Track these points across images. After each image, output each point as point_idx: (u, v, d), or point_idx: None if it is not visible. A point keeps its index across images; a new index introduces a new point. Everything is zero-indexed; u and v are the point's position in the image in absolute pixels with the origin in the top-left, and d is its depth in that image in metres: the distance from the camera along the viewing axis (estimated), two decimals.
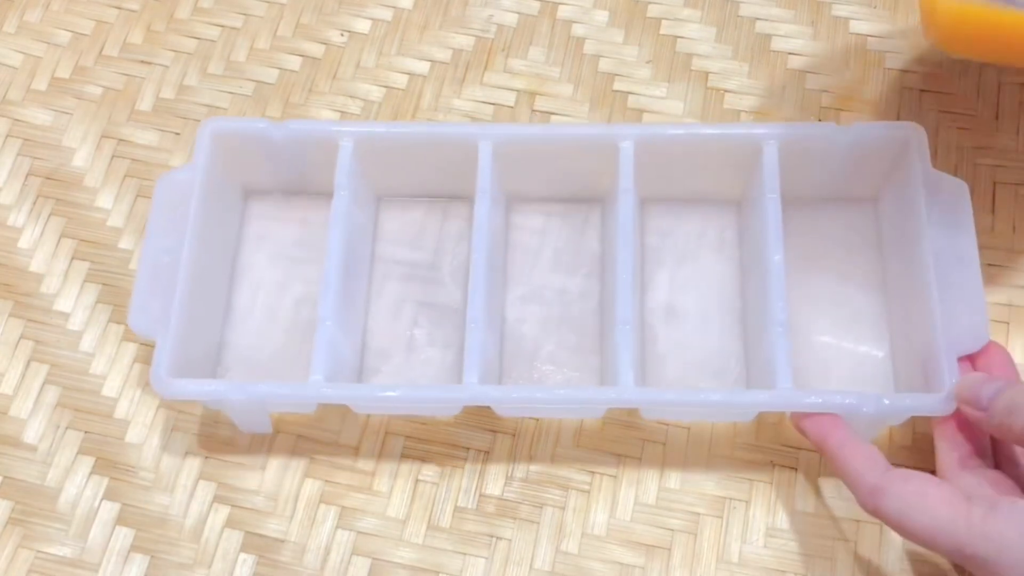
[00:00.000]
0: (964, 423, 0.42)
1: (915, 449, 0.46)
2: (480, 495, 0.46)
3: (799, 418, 0.43)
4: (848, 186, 0.48)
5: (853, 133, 0.47)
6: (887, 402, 0.42)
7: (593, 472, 0.46)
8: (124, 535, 0.45)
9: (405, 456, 0.46)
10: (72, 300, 0.49)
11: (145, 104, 0.53)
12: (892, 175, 0.48)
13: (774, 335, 0.44)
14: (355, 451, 0.47)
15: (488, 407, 0.45)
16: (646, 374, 0.47)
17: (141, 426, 0.47)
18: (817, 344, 0.47)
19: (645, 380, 0.47)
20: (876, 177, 0.48)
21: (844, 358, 0.47)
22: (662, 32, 0.55)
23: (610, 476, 0.46)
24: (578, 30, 0.55)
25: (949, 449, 0.42)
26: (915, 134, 0.46)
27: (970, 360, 0.44)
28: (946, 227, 0.45)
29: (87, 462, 0.47)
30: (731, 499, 0.46)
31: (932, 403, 0.42)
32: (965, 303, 0.44)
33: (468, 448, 0.47)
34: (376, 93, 0.54)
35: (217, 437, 0.47)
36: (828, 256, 0.48)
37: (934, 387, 0.43)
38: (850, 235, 0.49)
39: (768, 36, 0.55)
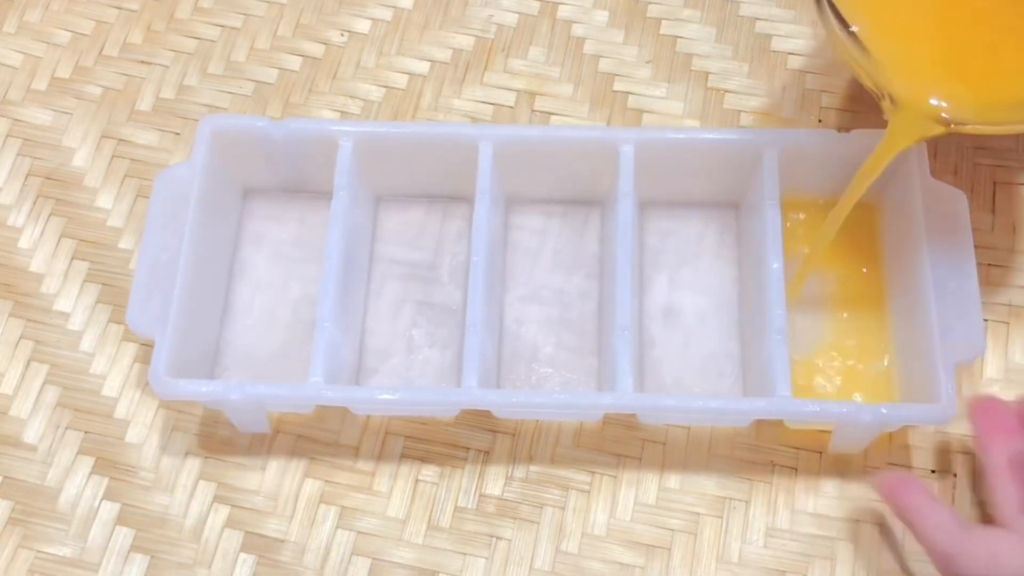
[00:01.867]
0: (1019, 467, 0.42)
1: (916, 448, 0.46)
2: (480, 495, 0.46)
3: (876, 480, 0.43)
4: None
5: (853, 140, 0.47)
6: (885, 411, 0.42)
7: (593, 472, 0.46)
8: (124, 535, 0.45)
9: (405, 456, 0.46)
10: (72, 300, 0.49)
11: (145, 104, 0.53)
12: (891, 183, 0.48)
13: (773, 342, 0.44)
14: (355, 451, 0.47)
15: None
16: (644, 376, 0.47)
17: (141, 426, 0.47)
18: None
19: (643, 382, 0.47)
20: (876, 184, 0.48)
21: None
22: (662, 32, 0.55)
23: (610, 476, 0.46)
24: (578, 30, 0.55)
25: (1009, 496, 0.42)
26: None
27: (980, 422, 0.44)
28: (944, 237, 0.45)
29: (87, 462, 0.47)
30: (731, 499, 0.46)
31: (929, 413, 0.42)
32: (962, 313, 0.44)
33: (468, 448, 0.47)
34: (376, 93, 0.54)
35: (217, 437, 0.47)
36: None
37: (932, 397, 0.43)
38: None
39: (768, 36, 0.55)
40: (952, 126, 0.41)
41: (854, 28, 0.41)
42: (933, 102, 0.41)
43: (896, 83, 0.41)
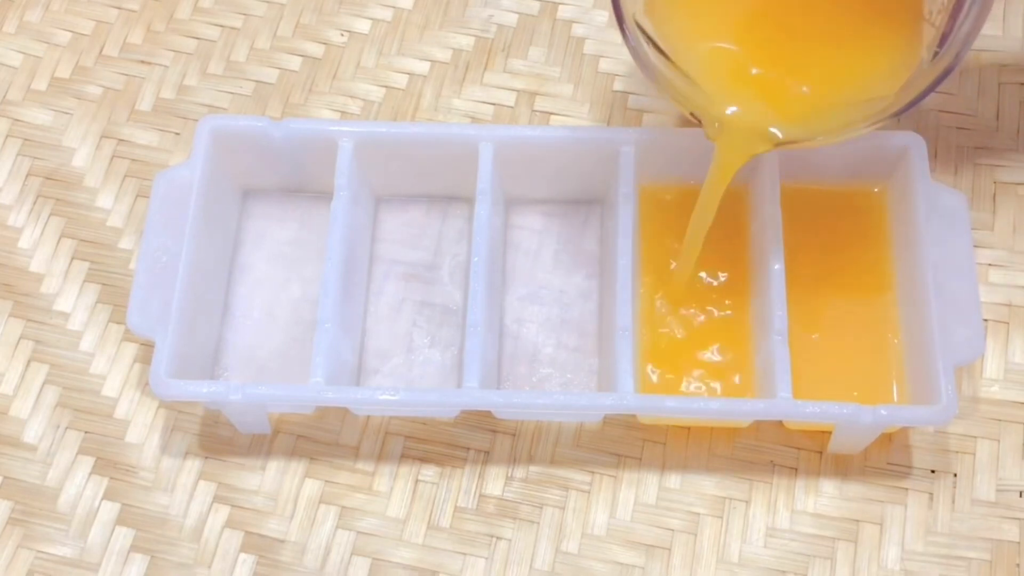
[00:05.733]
0: None
1: (916, 448, 0.46)
2: (480, 495, 0.46)
3: None
4: (847, 192, 0.48)
5: (853, 141, 0.46)
6: (885, 413, 0.42)
7: (593, 472, 0.46)
8: (124, 535, 0.45)
9: (405, 456, 0.47)
10: (72, 300, 0.49)
11: (145, 104, 0.53)
12: (892, 184, 0.48)
13: (773, 343, 0.44)
14: (355, 451, 0.47)
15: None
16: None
17: (141, 426, 0.47)
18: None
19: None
20: (876, 185, 0.48)
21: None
22: None
23: (610, 476, 0.46)
24: (578, 30, 0.55)
25: None
26: (915, 143, 0.46)
27: None
28: (944, 239, 0.45)
29: (87, 462, 0.47)
30: (731, 499, 0.46)
31: (929, 414, 0.42)
32: (962, 314, 0.44)
33: (468, 448, 0.47)
34: (376, 93, 0.54)
35: (217, 437, 0.47)
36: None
37: (931, 398, 0.43)
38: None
39: None
40: (781, 141, 0.41)
41: (668, 52, 0.41)
42: (756, 117, 0.41)
43: (716, 102, 0.41)
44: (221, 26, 0.55)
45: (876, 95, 0.40)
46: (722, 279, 0.48)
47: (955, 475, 0.46)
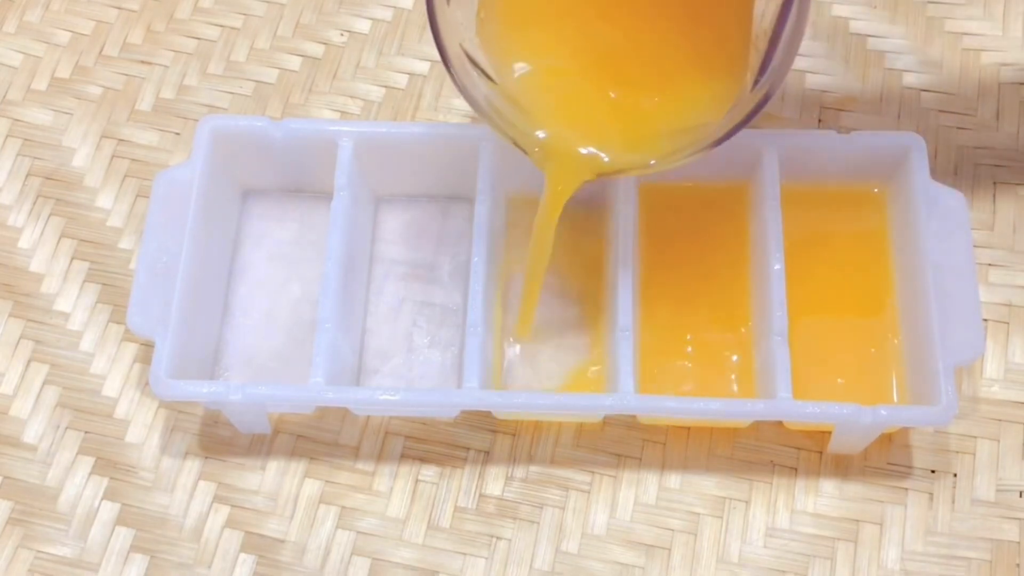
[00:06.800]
0: None
1: (916, 448, 0.46)
2: (480, 495, 0.46)
3: None
4: (847, 192, 0.48)
5: (853, 140, 0.47)
6: (885, 413, 0.42)
7: (593, 472, 0.46)
8: (124, 535, 0.45)
9: (405, 456, 0.47)
10: (72, 300, 0.49)
11: (145, 104, 0.53)
12: (891, 184, 0.48)
13: (773, 344, 0.44)
14: (355, 451, 0.47)
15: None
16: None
17: (141, 426, 0.47)
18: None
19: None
20: (876, 185, 0.48)
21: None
22: None
23: (610, 476, 0.46)
24: None
25: None
26: (915, 143, 0.46)
27: None
28: (944, 239, 0.45)
29: (87, 462, 0.47)
30: (731, 499, 0.46)
31: (929, 415, 0.42)
32: (961, 315, 0.44)
33: (468, 448, 0.47)
34: (376, 93, 0.54)
35: (217, 437, 0.47)
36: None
37: (931, 398, 0.43)
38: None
39: None
40: (609, 169, 0.41)
41: (497, 80, 0.41)
42: (581, 143, 0.41)
43: (543, 128, 0.41)
44: (221, 26, 0.55)
45: (701, 122, 0.41)
46: (722, 279, 0.48)
47: (955, 475, 0.46)
